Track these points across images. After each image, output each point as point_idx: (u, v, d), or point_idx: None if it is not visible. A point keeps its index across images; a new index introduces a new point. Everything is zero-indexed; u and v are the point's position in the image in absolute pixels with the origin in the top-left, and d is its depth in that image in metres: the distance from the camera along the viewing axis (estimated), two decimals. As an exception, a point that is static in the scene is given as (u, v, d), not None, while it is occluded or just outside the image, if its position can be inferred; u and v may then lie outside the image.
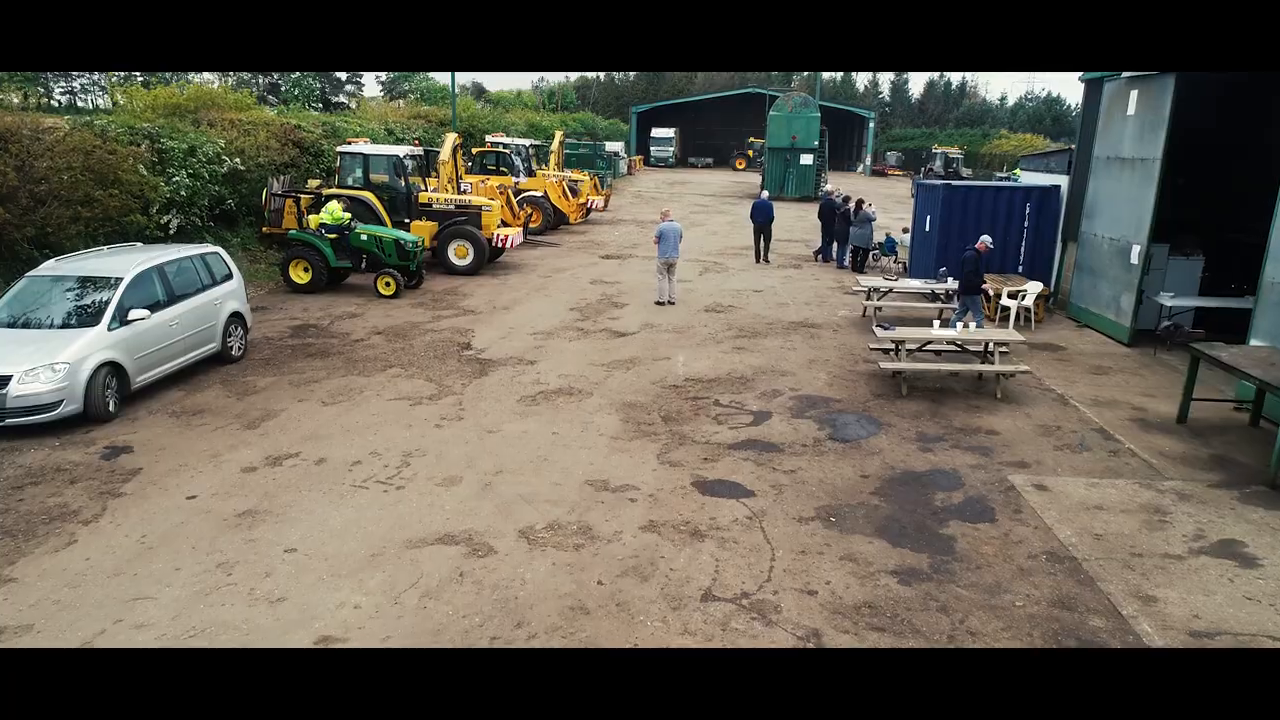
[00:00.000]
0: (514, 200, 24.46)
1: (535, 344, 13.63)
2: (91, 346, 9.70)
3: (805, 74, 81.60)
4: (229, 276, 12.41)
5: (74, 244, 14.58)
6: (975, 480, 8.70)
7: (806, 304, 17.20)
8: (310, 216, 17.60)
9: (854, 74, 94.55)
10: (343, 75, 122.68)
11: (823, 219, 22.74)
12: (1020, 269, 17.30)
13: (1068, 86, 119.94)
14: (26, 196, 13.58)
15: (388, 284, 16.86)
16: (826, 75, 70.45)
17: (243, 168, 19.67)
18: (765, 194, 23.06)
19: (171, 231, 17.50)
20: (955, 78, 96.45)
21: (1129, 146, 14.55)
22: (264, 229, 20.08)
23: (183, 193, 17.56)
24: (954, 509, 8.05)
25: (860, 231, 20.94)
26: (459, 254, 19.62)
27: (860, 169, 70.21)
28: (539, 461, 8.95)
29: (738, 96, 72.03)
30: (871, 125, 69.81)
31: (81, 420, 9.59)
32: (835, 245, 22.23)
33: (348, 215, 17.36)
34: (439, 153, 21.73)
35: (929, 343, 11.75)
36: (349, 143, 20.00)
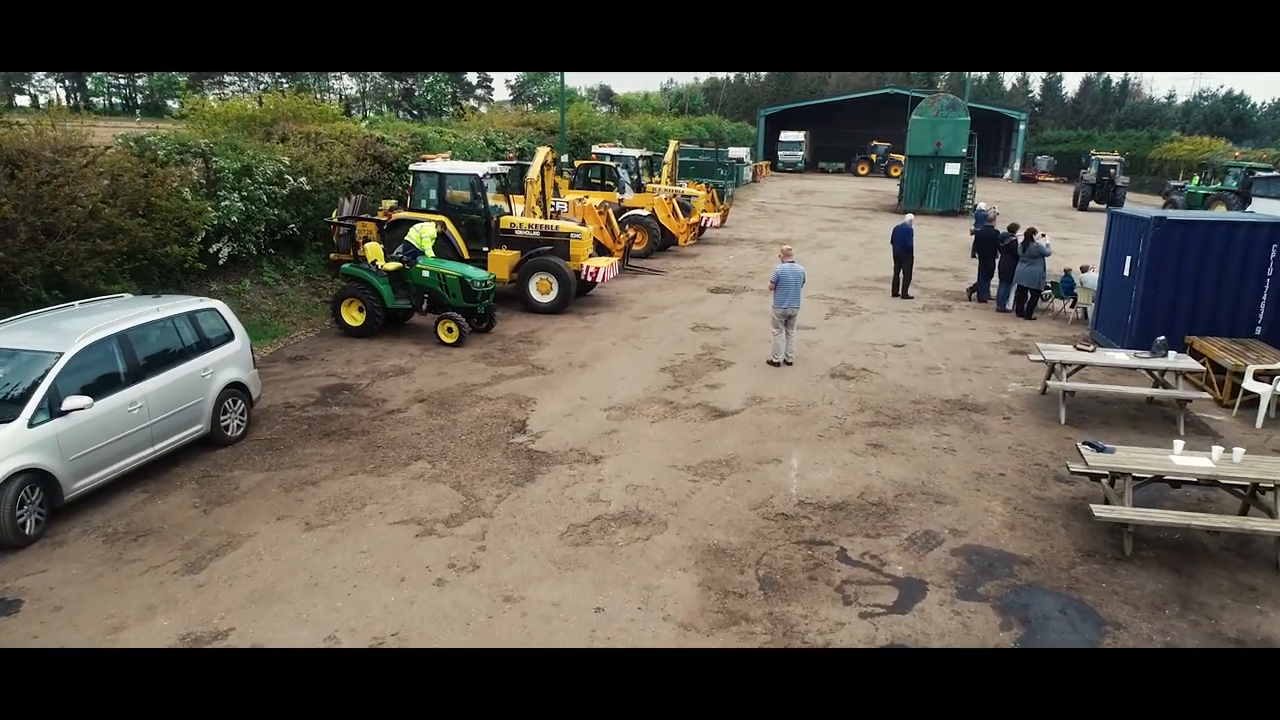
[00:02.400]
0: (615, 220, 21.58)
1: (607, 426, 10.62)
2: (1, 451, 7.32)
3: (948, 73, 75.68)
4: (228, 338, 9.96)
5: (91, 282, 12.59)
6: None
7: (964, 369, 13.47)
8: (368, 246, 15.19)
9: (1002, 71, 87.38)
10: (473, 78, 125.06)
11: (980, 251, 18.78)
12: (1259, 330, 13.04)
13: (1250, 83, 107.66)
14: (27, 230, 11.61)
15: (450, 330, 14.23)
16: (971, 73, 64.60)
17: (308, 187, 17.56)
18: (910, 217, 19.22)
19: (221, 261, 15.50)
20: (1116, 75, 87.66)
21: None
22: (331, 255, 17.95)
23: (234, 218, 15.51)
24: None
25: (1029, 269, 16.92)
26: (541, 289, 16.86)
27: (1007, 175, 64.03)
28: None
29: (873, 98, 67.00)
30: (1022, 128, 63.49)
31: (-21, 550, 7.25)
32: (996, 283, 18.25)
33: (429, 240, 14.91)
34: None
35: (1168, 476, 7.95)
36: (423, 159, 17.60)
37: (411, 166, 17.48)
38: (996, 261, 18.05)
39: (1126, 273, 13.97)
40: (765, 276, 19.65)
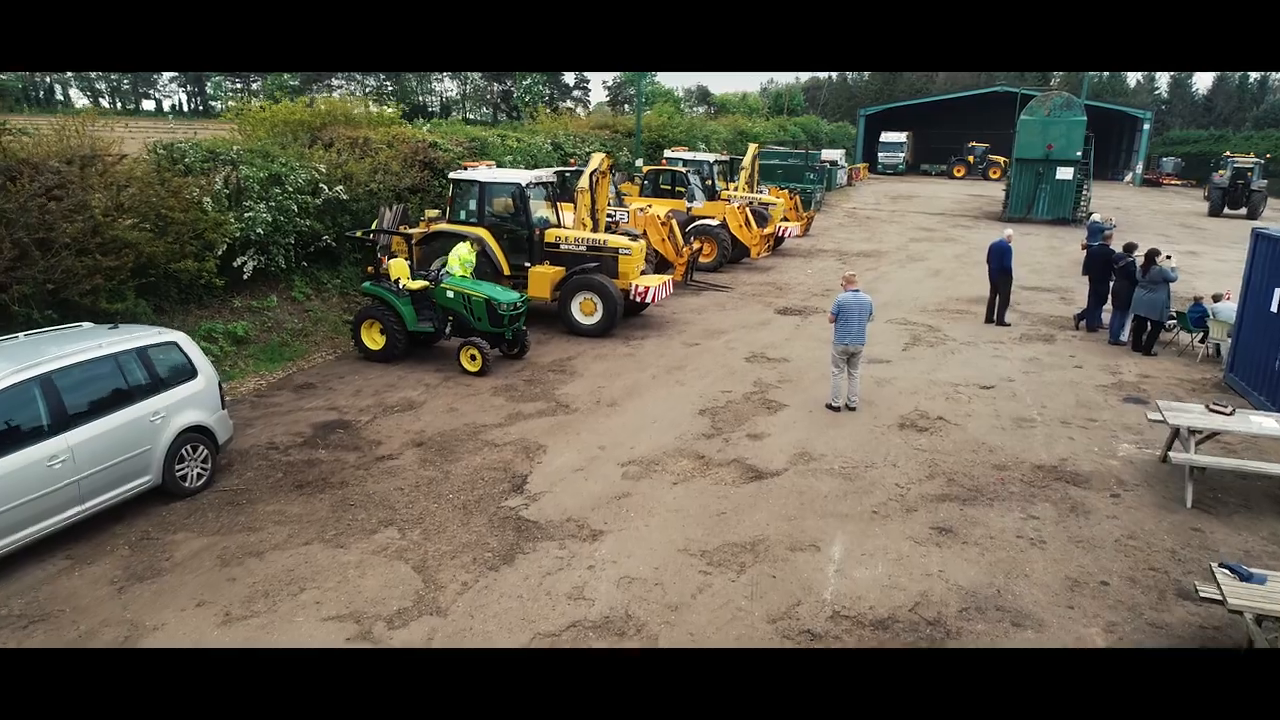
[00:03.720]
0: (679, 231, 19.91)
1: (619, 488, 8.99)
2: None
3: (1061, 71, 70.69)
4: (188, 375, 8.78)
5: (92, 300, 11.75)
6: None
7: (1064, 422, 11.26)
8: (391, 263, 13.97)
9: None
10: (569, 79, 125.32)
11: (1091, 272, 16.27)
12: None
13: None
14: (14, 246, 10.77)
15: (473, 358, 12.87)
16: (1090, 70, 59.84)
17: (345, 196, 16.54)
18: (1008, 233, 16.82)
19: (247, 275, 14.57)
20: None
21: None
22: (369, 269, 16.86)
23: (259, 230, 14.55)
24: None
25: (1150, 296, 14.41)
26: (585, 310, 15.35)
27: (1128, 178, 59.18)
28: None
29: (981, 96, 63.08)
30: (1146, 128, 58.50)
31: None
32: (1110, 310, 15.77)
33: (468, 266, 13.72)
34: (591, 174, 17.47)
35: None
36: (464, 167, 16.33)
37: (450, 175, 16.22)
38: (1110, 285, 15.57)
39: (1277, 308, 11.47)
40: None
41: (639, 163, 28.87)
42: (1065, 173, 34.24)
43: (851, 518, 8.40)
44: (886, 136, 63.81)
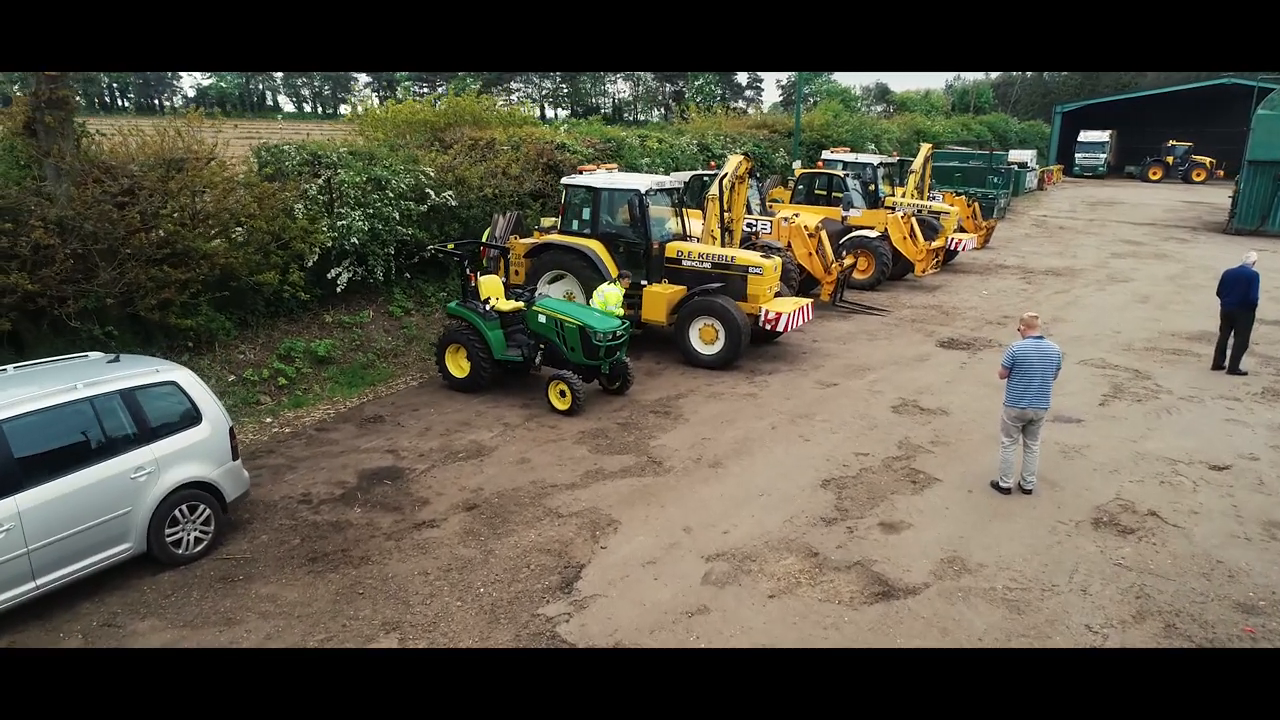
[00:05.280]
0: (829, 244, 17.35)
1: (696, 598, 6.83)
2: None
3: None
4: (189, 421, 7.40)
5: (160, 316, 10.89)
6: None
7: (1341, 532, 8.06)
8: (483, 279, 12.40)
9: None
10: (742, 79, 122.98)
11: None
12: None
13: None
14: (66, 256, 9.93)
15: (562, 394, 11.06)
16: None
17: (455, 203, 15.21)
18: (1251, 257, 13.11)
19: (340, 288, 13.48)
20: None
21: None
22: (471, 275, 15.48)
23: (354, 239, 13.41)
24: None
25: None
26: (705, 338, 13.22)
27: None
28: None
29: (1199, 91, 55.40)
30: None
31: None
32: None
33: (615, 308, 12.05)
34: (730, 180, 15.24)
35: None
36: (579, 171, 14.56)
37: (563, 181, 14.50)
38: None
39: None
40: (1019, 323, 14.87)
41: (795, 165, 26.30)
42: (1314, 177, 28.58)
43: (1016, 681, 5.85)
44: (1086, 135, 57.45)
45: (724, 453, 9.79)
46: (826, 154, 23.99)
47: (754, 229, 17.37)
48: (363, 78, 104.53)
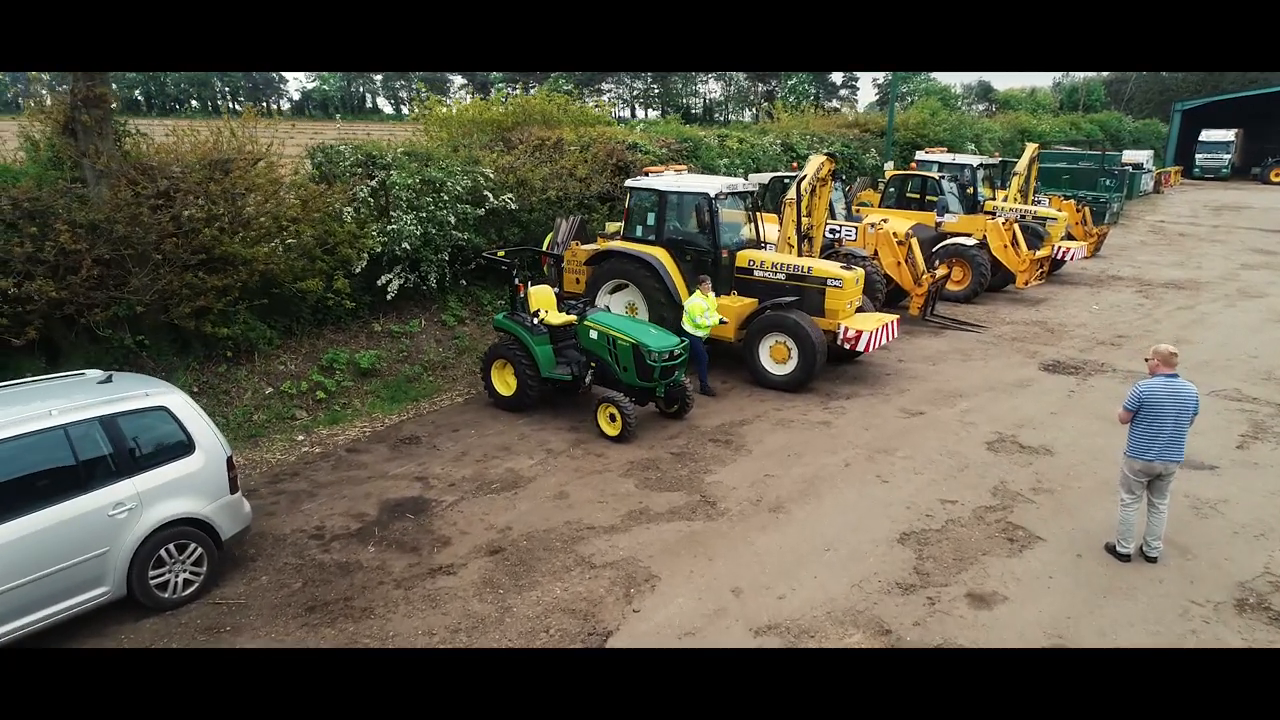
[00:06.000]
0: (920, 253, 15.85)
1: (739, 683, 5.71)
2: None
3: None
4: (183, 451, 6.67)
5: (195, 325, 10.37)
6: None
7: None
8: (534, 290, 11.51)
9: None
10: (837, 78, 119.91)
11: None
12: None
13: None
14: (93, 263, 9.46)
15: (612, 418, 10.05)
16: None
17: (514, 206, 14.39)
18: None
19: (391, 295, 12.82)
20: None
21: None
22: (519, 288, 14.63)
23: (405, 244, 12.72)
24: None
25: None
26: (776, 356, 12.01)
27: None
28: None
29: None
30: None
31: None
32: None
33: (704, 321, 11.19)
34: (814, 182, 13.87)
35: None
36: (644, 172, 13.53)
37: (626, 183, 13.50)
38: None
39: None
40: (1141, 344, 13.27)
41: (886, 166, 24.67)
42: None
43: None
44: (1208, 135, 53.39)
45: (788, 494, 8.60)
46: (921, 154, 22.31)
47: (836, 235, 16.02)
48: (458, 79, 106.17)
